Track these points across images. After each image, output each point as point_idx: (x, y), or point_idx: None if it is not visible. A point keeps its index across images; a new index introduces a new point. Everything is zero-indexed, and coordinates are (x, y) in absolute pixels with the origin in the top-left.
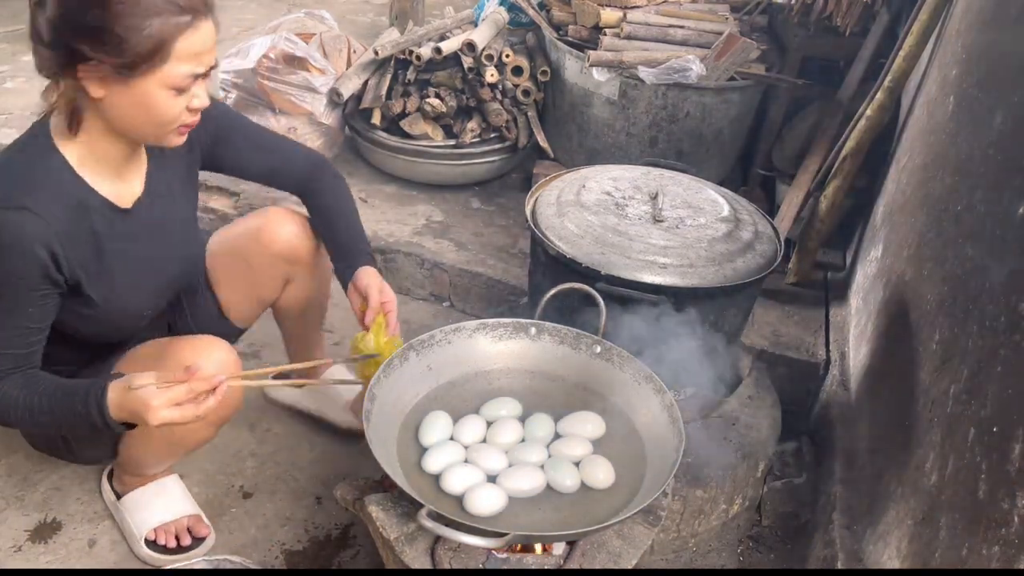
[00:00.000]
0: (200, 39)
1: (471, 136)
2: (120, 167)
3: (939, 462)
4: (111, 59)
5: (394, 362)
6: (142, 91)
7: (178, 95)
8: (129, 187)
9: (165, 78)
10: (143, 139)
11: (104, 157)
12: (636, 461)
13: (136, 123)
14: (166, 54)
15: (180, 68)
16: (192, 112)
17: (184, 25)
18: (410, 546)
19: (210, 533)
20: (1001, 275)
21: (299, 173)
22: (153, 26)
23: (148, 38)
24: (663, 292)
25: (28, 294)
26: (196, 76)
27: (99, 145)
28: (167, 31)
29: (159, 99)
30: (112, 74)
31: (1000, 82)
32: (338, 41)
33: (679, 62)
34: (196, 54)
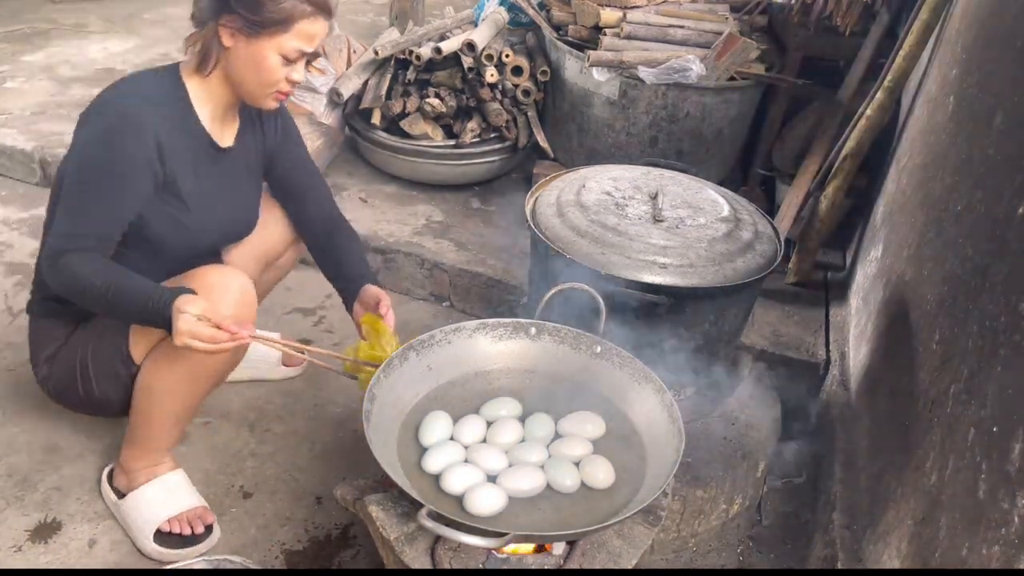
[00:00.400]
0: (315, 28)
1: (471, 136)
2: (223, 115)
3: (939, 462)
4: (248, 15)
5: (394, 362)
6: (259, 50)
7: (284, 64)
8: (225, 132)
9: (280, 45)
10: (247, 94)
11: (215, 100)
12: (636, 461)
13: (247, 76)
14: (288, 27)
15: (293, 42)
16: (290, 83)
17: (308, 12)
18: (410, 546)
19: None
20: (1001, 275)
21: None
22: (287, 4)
23: (280, 10)
24: (663, 292)
25: (132, 176)
26: (303, 54)
27: (216, 89)
28: (296, 11)
29: (270, 61)
30: (244, 28)
31: (1000, 82)
32: (338, 41)
33: (679, 62)
34: (309, 37)
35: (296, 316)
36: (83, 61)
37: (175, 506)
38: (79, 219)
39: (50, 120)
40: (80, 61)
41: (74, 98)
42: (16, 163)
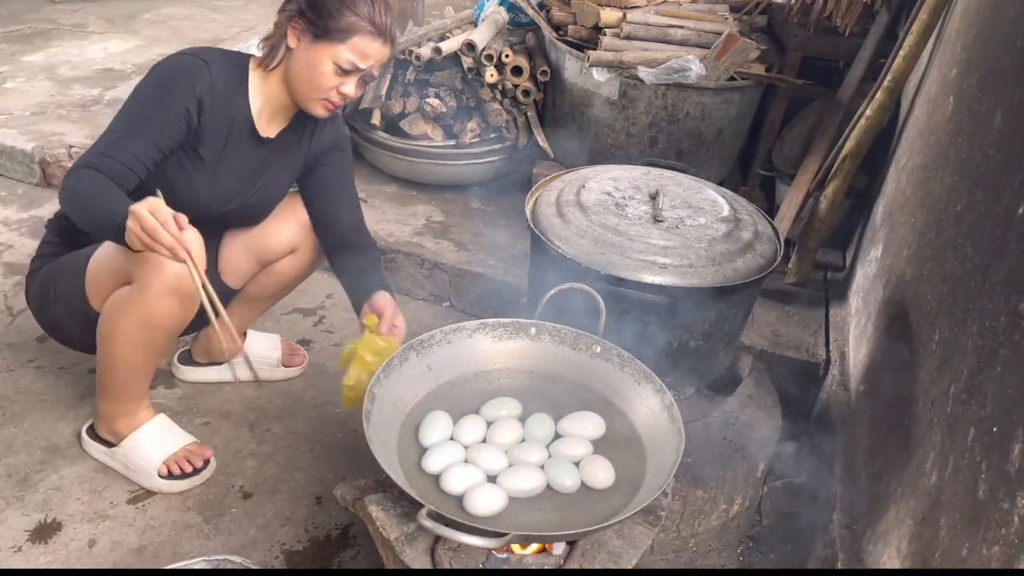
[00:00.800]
0: (371, 47)
1: (471, 136)
2: (273, 111)
3: (939, 462)
4: (314, 19)
5: (394, 362)
6: (317, 54)
7: (337, 74)
8: (270, 126)
9: (336, 54)
10: (299, 96)
11: (270, 92)
12: (636, 461)
13: (301, 78)
14: (346, 39)
15: (348, 54)
16: (340, 95)
17: (367, 30)
18: (410, 546)
19: (211, 452)
20: (1001, 275)
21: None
22: (348, 18)
23: (342, 22)
24: (663, 292)
25: (170, 114)
26: (356, 68)
27: (273, 86)
28: (355, 26)
29: (324, 66)
30: (308, 32)
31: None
32: None
33: (679, 62)
34: (363, 53)
35: (296, 316)
36: (83, 61)
37: (169, 446)
38: (114, 143)
39: (50, 120)
40: (80, 61)
41: (74, 98)
42: (16, 163)
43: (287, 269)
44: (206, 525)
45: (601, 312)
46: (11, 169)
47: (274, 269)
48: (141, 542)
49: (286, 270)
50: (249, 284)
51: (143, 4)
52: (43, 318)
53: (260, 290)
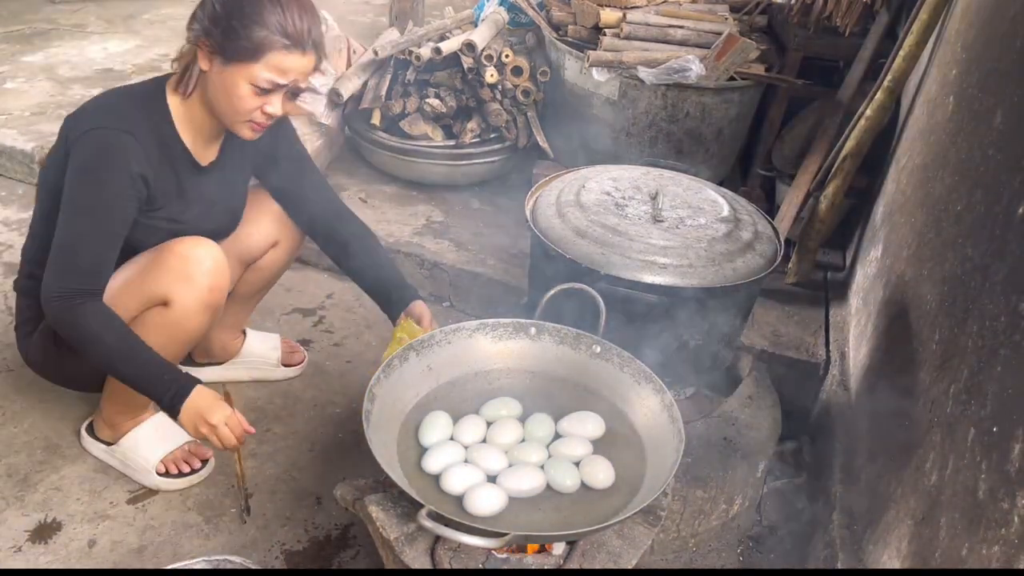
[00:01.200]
0: (289, 61)
1: (471, 136)
2: (205, 134)
3: (939, 462)
4: (221, 40)
5: (394, 362)
6: (231, 77)
7: (258, 94)
8: (207, 151)
9: (251, 75)
10: (222, 119)
11: (196, 121)
12: (636, 461)
13: (219, 102)
14: (258, 57)
15: (264, 73)
16: (265, 115)
17: (280, 45)
18: (410, 546)
19: (212, 453)
20: (1001, 275)
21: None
22: (259, 34)
23: (251, 39)
24: (663, 292)
25: (119, 208)
26: (277, 86)
27: (196, 112)
28: (268, 42)
29: (240, 89)
30: (216, 53)
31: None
32: (338, 41)
33: (679, 62)
34: (282, 69)
35: (296, 316)
36: (83, 61)
37: (168, 444)
38: (74, 258)
39: (50, 120)
40: (80, 61)
41: (74, 98)
42: (16, 163)
43: (272, 263)
44: (206, 525)
45: (601, 312)
46: (11, 169)
47: (259, 266)
48: (141, 542)
49: (271, 264)
50: (237, 284)
51: (143, 4)
52: (53, 372)
53: (249, 287)
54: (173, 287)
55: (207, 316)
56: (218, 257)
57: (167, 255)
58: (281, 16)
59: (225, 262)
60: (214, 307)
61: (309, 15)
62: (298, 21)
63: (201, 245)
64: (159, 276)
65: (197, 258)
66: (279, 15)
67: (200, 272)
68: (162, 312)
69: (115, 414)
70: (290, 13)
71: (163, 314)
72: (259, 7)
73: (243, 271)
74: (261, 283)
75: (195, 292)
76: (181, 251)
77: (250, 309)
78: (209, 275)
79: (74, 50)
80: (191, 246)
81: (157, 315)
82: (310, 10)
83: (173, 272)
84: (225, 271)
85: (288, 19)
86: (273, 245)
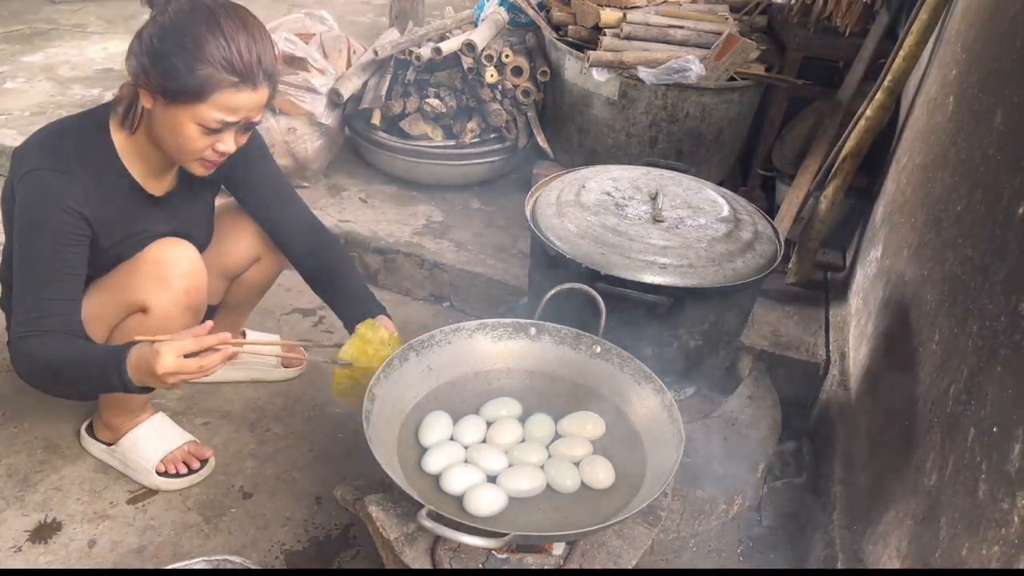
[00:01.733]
0: (238, 99)
1: (471, 136)
2: (155, 166)
3: (939, 462)
4: (161, 81)
5: (394, 362)
6: (176, 117)
7: (207, 134)
8: (160, 182)
9: (197, 115)
10: (170, 156)
11: (144, 155)
12: (636, 461)
13: (166, 141)
14: (204, 97)
15: (212, 113)
16: (217, 153)
17: (227, 83)
18: (410, 546)
19: (211, 453)
20: (1001, 275)
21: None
22: (203, 73)
23: (195, 79)
24: (663, 292)
25: (65, 240)
26: (227, 124)
27: (144, 146)
28: (213, 81)
29: (188, 130)
30: (159, 93)
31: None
32: (338, 41)
33: (679, 62)
34: (231, 108)
35: (296, 317)
36: (83, 61)
37: (167, 444)
38: (21, 302)
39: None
40: (80, 61)
41: (74, 98)
42: None
43: (256, 277)
44: (206, 525)
45: (601, 312)
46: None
47: (244, 280)
48: (141, 542)
49: (256, 278)
50: (225, 296)
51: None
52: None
53: (237, 299)
54: (150, 293)
55: (188, 318)
56: (193, 258)
57: (141, 261)
58: (226, 49)
59: (201, 262)
60: (194, 308)
61: (259, 43)
62: (245, 53)
63: (174, 248)
64: (135, 283)
65: (171, 261)
66: (223, 48)
67: (175, 275)
68: (142, 319)
69: (113, 416)
70: (235, 44)
71: (143, 321)
72: (199, 40)
73: (227, 285)
74: (249, 295)
75: (172, 296)
76: (155, 256)
77: (244, 315)
78: (185, 277)
79: (74, 50)
80: (164, 249)
81: (137, 322)
82: (259, 37)
83: (148, 278)
84: (202, 272)
85: (233, 52)
86: (256, 260)
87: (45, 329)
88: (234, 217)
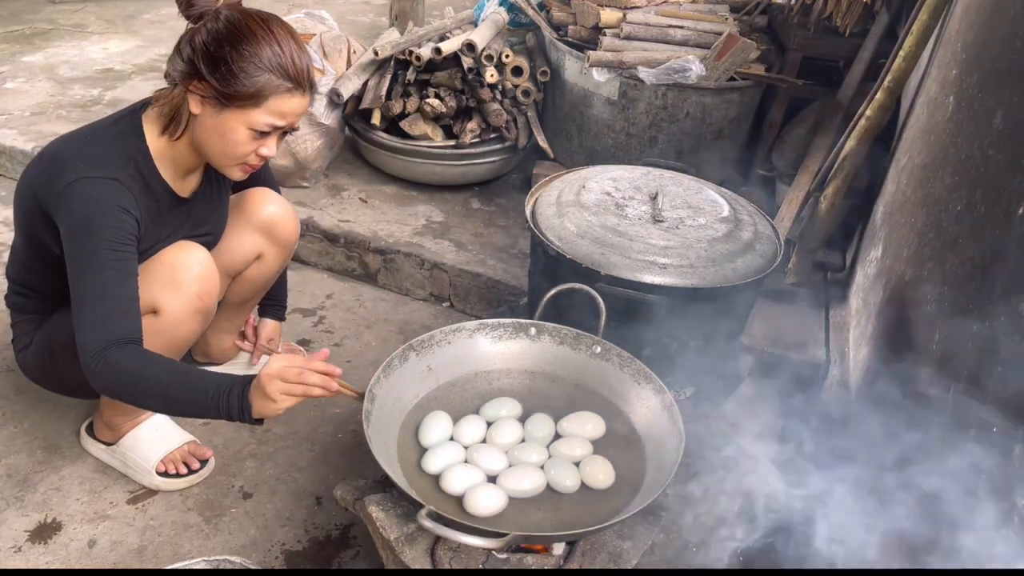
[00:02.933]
0: (291, 105)
1: (471, 136)
2: (185, 168)
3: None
4: (218, 85)
5: (394, 362)
6: (227, 122)
7: (254, 138)
8: (187, 183)
9: (250, 119)
10: (212, 162)
11: (178, 160)
12: (636, 461)
13: (211, 146)
14: (260, 102)
15: (265, 117)
16: (259, 158)
17: (284, 89)
18: (410, 546)
19: (212, 453)
20: (1001, 275)
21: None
22: (261, 79)
23: (253, 83)
24: (663, 292)
25: (125, 241)
26: (275, 128)
27: (182, 151)
28: (270, 86)
29: (238, 134)
30: (212, 97)
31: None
32: (338, 41)
33: (679, 62)
34: (283, 113)
35: (296, 316)
36: (83, 61)
37: (167, 444)
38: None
39: (50, 120)
40: (80, 61)
41: (74, 98)
42: (16, 163)
43: (257, 275)
44: (206, 525)
45: (601, 312)
46: (11, 169)
47: (245, 277)
48: (141, 542)
49: (257, 275)
50: (227, 294)
51: (143, 4)
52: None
53: (238, 296)
54: (161, 295)
55: (198, 322)
56: (205, 262)
57: (154, 263)
58: (281, 56)
59: (213, 266)
60: (204, 312)
61: (304, 52)
62: (297, 60)
63: (188, 251)
64: (147, 285)
65: (184, 264)
66: (279, 55)
67: (188, 279)
68: (152, 320)
69: (114, 416)
70: (288, 51)
71: (153, 322)
72: (257, 47)
73: (228, 282)
74: (250, 292)
75: (183, 298)
76: (168, 259)
77: (245, 314)
78: (197, 281)
79: (74, 50)
80: (178, 253)
81: (147, 323)
82: (303, 46)
83: (161, 280)
84: (214, 276)
85: (288, 58)
86: (257, 257)
87: (120, 338)
88: (235, 215)
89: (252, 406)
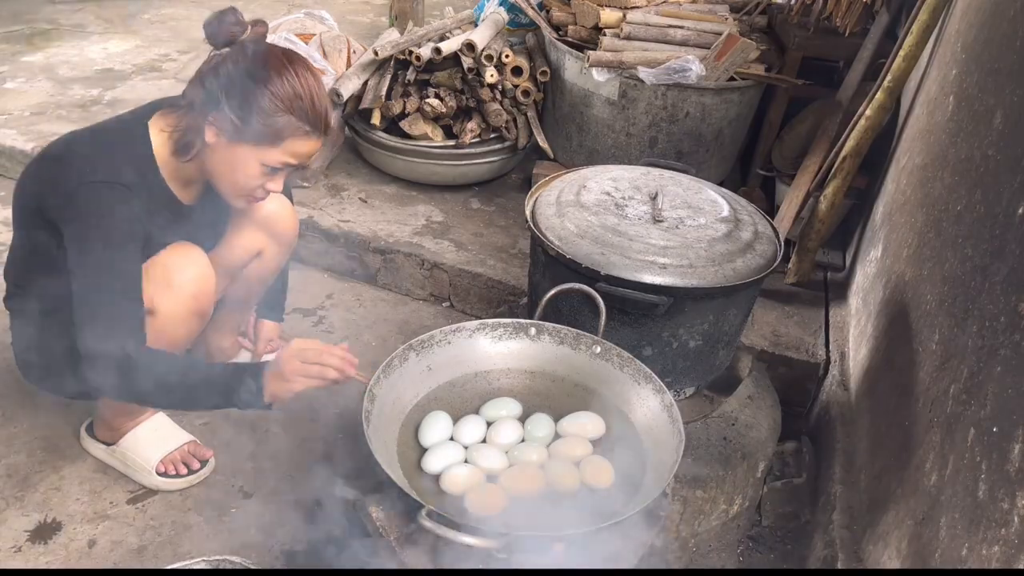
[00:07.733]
0: (308, 146)
1: (471, 136)
2: (190, 178)
3: (939, 462)
4: (237, 121)
5: (394, 362)
6: (242, 156)
7: (265, 173)
8: (191, 191)
9: (264, 157)
10: (218, 189)
11: (183, 173)
12: (636, 461)
13: (221, 175)
14: (278, 142)
15: (280, 156)
16: (265, 191)
17: (302, 132)
18: (410, 546)
19: (212, 453)
20: (1001, 275)
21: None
22: (282, 120)
23: (273, 124)
24: (663, 292)
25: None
26: (287, 166)
27: (189, 170)
28: (289, 128)
29: (250, 168)
30: (229, 130)
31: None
32: (338, 41)
33: (679, 62)
34: (298, 154)
35: (296, 316)
36: (83, 61)
37: (167, 444)
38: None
39: (50, 120)
40: (80, 61)
41: (74, 98)
42: (16, 163)
43: (257, 272)
44: (206, 525)
45: (601, 312)
46: (11, 169)
47: (245, 275)
48: (141, 542)
49: (257, 272)
50: (226, 293)
51: (143, 4)
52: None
53: (237, 296)
54: (157, 296)
55: (194, 323)
56: (201, 263)
57: (152, 265)
58: (303, 100)
59: (210, 267)
60: (200, 313)
61: (324, 94)
62: (319, 104)
63: (183, 252)
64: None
65: (179, 266)
66: (305, 99)
67: (183, 280)
68: (148, 321)
69: (114, 416)
70: (310, 95)
71: (149, 324)
72: (281, 88)
73: (228, 281)
74: (249, 291)
75: (179, 299)
76: (164, 260)
77: (245, 313)
78: (193, 282)
79: (74, 50)
80: (174, 254)
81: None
82: (323, 86)
83: (156, 281)
84: (210, 277)
85: (309, 103)
86: (256, 255)
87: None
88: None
89: (265, 387)
